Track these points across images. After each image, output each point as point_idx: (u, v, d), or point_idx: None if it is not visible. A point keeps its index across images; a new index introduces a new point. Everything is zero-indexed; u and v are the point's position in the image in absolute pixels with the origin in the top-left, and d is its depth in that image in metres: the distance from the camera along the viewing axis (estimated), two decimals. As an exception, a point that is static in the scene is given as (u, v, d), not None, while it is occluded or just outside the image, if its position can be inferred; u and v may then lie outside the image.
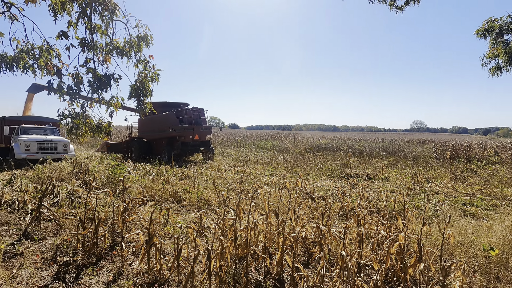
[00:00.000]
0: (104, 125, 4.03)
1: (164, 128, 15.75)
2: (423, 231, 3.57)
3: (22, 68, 3.66)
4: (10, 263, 3.67)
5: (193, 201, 6.89)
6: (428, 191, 8.61)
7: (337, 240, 4.36)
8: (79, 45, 3.65)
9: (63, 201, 6.10)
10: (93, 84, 3.62)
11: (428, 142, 30.48)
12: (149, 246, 3.51)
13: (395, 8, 6.97)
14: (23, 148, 11.85)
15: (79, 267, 3.68)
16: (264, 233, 4.02)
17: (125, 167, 9.37)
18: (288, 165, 13.63)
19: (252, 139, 30.77)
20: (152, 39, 3.97)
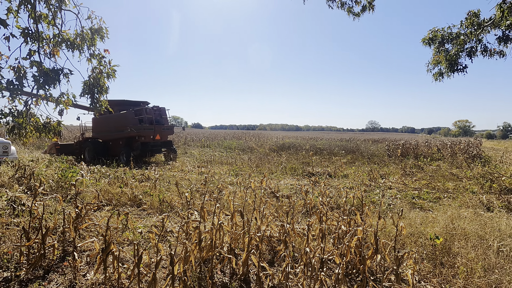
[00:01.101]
0: (53, 124, 3.65)
1: (122, 128, 14.87)
2: (379, 224, 3.81)
3: (-51, 59, 3.16)
4: None
5: (155, 204, 6.60)
6: (382, 186, 9.24)
7: (301, 237, 4.47)
8: (21, 35, 3.25)
9: (3, 210, 5.44)
10: (39, 79, 3.25)
11: (382, 141, 32.79)
12: (105, 254, 3.27)
13: (352, 14, 7.36)
14: (-48, 151, 10.36)
15: (22, 282, 3.31)
16: (229, 234, 3.98)
17: (77, 170, 8.66)
18: (252, 165, 13.71)
19: (216, 139, 30.43)
20: (107, 32, 3.68)
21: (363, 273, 3.50)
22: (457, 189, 8.58)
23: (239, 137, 33.88)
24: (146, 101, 16.55)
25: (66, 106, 3.56)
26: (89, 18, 3.61)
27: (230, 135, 37.70)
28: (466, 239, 4.43)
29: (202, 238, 3.70)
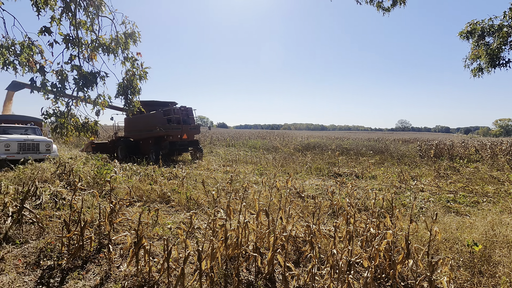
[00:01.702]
0: (91, 124, 3.91)
1: (151, 128, 15.48)
2: (410, 228, 3.65)
3: (2, 65, 3.50)
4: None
5: (182, 201, 6.80)
6: (413, 189, 8.82)
7: (327, 238, 4.39)
8: (63, 42, 3.52)
9: (47, 203, 5.89)
10: (79, 82, 3.50)
11: (413, 141, 31.27)
12: (137, 248, 3.43)
13: (382, 9, 7.08)
14: (3, 149, 11.38)
15: (64, 271, 3.56)
16: (254, 232, 4.01)
17: (111, 168, 9.15)
18: (277, 164, 13.67)
19: (241, 139, 30.71)
20: (139, 36, 3.87)
21: (393, 278, 3.37)
22: (498, 193, 7.97)
23: (263, 137, 33.94)
24: (174, 101, 17.09)
25: (103, 107, 3.80)
26: (123, 23, 3.82)
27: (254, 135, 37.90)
28: (509, 247, 4.10)
29: (228, 236, 3.76)
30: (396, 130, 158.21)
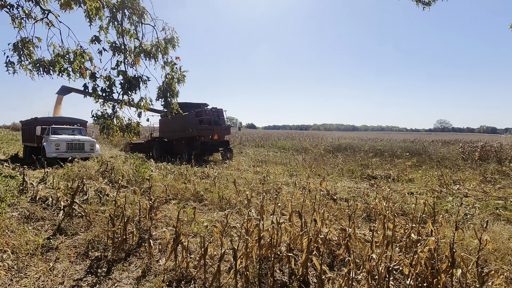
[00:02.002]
0: (133, 125, 4.17)
1: (184, 128, 16.06)
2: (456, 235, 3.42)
3: (57, 72, 3.87)
4: (47, 256, 3.87)
5: (215, 200, 6.97)
6: (456, 194, 8.24)
7: (362, 242, 4.26)
8: (110, 49, 3.80)
9: (92, 199, 6.36)
10: (124, 86, 3.76)
11: (454, 142, 29.18)
12: (176, 244, 3.59)
13: (421, 3, 6.72)
14: (54, 148, 12.47)
15: (109, 262, 3.82)
16: (288, 234, 4.01)
17: (148, 166, 9.64)
18: (307, 166, 13.50)
19: (270, 139, 30.73)
20: (178, 41, 4.06)
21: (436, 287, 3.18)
22: (557, 201, 7.19)
23: (292, 137, 33.68)
24: (205, 103, 17.58)
25: (144, 109, 4.04)
26: (163, 29, 4.03)
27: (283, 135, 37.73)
28: None
29: (261, 236, 3.80)
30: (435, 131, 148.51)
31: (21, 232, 4.39)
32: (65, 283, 3.31)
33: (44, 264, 3.64)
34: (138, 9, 3.82)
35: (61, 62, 3.84)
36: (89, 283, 3.36)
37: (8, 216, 4.88)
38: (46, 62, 3.83)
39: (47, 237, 4.43)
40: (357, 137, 38.99)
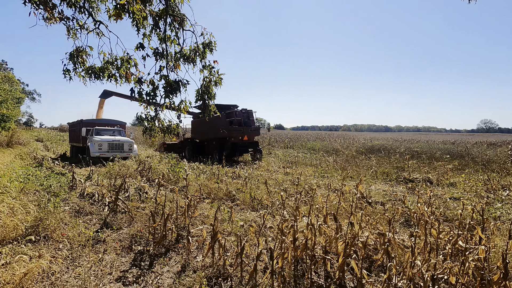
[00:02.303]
0: (173, 126, 4.39)
1: (215, 130, 16.43)
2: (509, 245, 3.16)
3: (106, 77, 4.19)
4: (96, 248, 4.18)
5: (247, 200, 7.06)
6: (506, 200, 7.59)
7: (401, 248, 4.09)
8: (153, 54, 4.04)
9: (133, 196, 6.75)
10: (166, 90, 3.98)
11: (502, 144, 26.80)
12: (213, 241, 3.71)
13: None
14: (97, 147, 13.41)
15: (151, 256, 4.04)
16: (323, 236, 3.96)
17: (182, 166, 10.01)
18: (338, 167, 13.19)
19: (299, 140, 30.43)
20: (215, 45, 4.20)
21: (487, 300, 2.97)
22: None
23: (322, 138, 33.05)
24: (235, 104, 17.85)
25: (184, 111, 4.23)
26: (202, 34, 4.19)
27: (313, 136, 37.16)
28: None
29: (296, 237, 3.80)
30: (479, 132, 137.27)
31: (73, 224, 4.79)
32: (113, 274, 3.56)
33: (94, 255, 3.94)
34: (178, 16, 4.02)
35: (109, 69, 4.16)
36: (134, 274, 3.58)
37: (62, 210, 5.35)
38: (96, 68, 4.17)
39: (95, 230, 4.80)
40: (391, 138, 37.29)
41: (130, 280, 3.46)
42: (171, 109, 4.30)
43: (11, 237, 4.07)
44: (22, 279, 3.04)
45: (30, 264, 3.32)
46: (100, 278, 3.42)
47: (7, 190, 6.05)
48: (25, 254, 3.56)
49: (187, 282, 3.39)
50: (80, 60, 4.09)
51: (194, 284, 3.35)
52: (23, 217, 4.51)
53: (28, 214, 4.70)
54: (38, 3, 3.51)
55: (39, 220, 4.42)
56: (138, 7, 3.60)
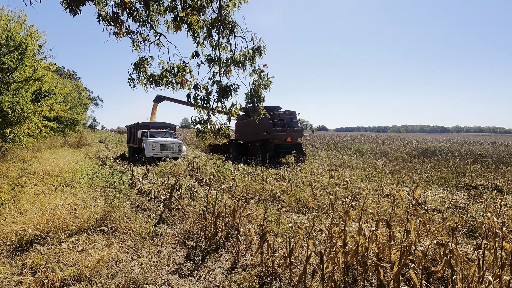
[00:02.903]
0: (224, 129, 4.60)
1: (258, 131, 16.67)
2: None
3: (164, 84, 4.57)
4: (155, 241, 4.55)
5: (291, 202, 7.05)
6: None
7: (465, 261, 3.74)
8: (206, 61, 4.30)
9: (184, 194, 7.19)
10: (219, 94, 4.20)
11: None
12: (262, 241, 3.79)
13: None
14: (151, 148, 14.52)
15: (203, 252, 4.28)
16: (376, 242, 3.80)
17: (228, 167, 10.35)
18: (388, 171, 12.45)
19: (344, 142, 29.36)
20: (265, 49, 4.31)
21: None
22: None
23: (369, 140, 31.44)
24: (278, 106, 17.91)
25: (235, 114, 4.42)
26: (252, 39, 4.34)
27: (359, 138, 35.56)
28: None
29: (346, 242, 3.70)
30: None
31: (135, 218, 5.27)
32: (170, 266, 3.84)
33: (153, 247, 4.30)
34: (230, 24, 4.21)
35: (167, 76, 4.53)
36: (188, 268, 3.83)
37: (125, 205, 5.92)
38: (156, 76, 4.57)
39: (153, 224, 5.22)
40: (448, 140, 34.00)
41: (185, 272, 3.70)
42: (223, 112, 4.52)
43: (85, 227, 4.63)
44: (96, 264, 3.45)
45: (102, 251, 3.75)
46: (159, 269, 3.73)
47: (80, 185, 6.88)
48: (98, 243, 4.02)
49: (238, 279, 3.52)
50: (143, 69, 4.53)
51: (244, 281, 3.46)
52: (94, 210, 5.10)
53: (97, 207, 5.29)
54: (110, 21, 3.99)
55: (107, 213, 4.96)
56: (195, 18, 3.87)
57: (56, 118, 21.59)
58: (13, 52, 11.04)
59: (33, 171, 8.15)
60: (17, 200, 5.36)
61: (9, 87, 11.51)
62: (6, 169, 7.96)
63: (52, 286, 3.10)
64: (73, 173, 9.06)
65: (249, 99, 4.33)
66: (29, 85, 12.22)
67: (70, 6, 3.52)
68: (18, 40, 11.17)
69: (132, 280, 3.31)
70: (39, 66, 12.83)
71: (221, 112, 4.55)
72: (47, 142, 16.13)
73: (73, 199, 5.57)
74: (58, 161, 10.61)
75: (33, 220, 4.44)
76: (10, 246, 4.04)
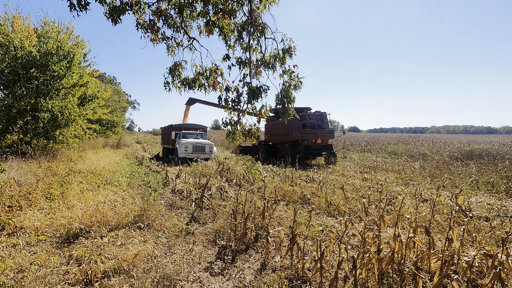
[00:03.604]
0: (253, 130, 4.64)
1: (288, 132, 16.55)
2: None
3: (197, 87, 4.73)
4: (187, 239, 4.70)
5: (322, 205, 6.90)
6: None
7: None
8: (237, 63, 4.37)
9: (215, 194, 7.34)
10: (250, 96, 4.25)
11: None
12: (292, 243, 3.75)
13: None
14: (183, 149, 15.05)
15: (233, 251, 4.33)
16: (413, 250, 3.59)
17: (258, 168, 10.40)
18: (427, 174, 11.70)
19: (378, 143, 28.12)
20: (295, 50, 4.28)
21: None
22: None
23: (405, 141, 29.80)
24: (308, 106, 17.65)
25: (265, 115, 4.44)
26: (282, 40, 4.34)
27: (394, 139, 33.85)
28: None
29: (381, 248, 3.54)
30: None
31: (168, 216, 5.49)
32: (202, 264, 3.94)
33: (185, 245, 4.45)
34: (260, 26, 4.24)
35: (200, 79, 4.68)
36: (218, 267, 3.90)
37: (159, 203, 6.19)
38: (189, 80, 4.75)
39: (186, 223, 5.40)
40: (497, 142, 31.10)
41: (216, 271, 3.78)
42: (253, 114, 4.56)
43: (123, 223, 4.92)
44: (134, 258, 3.64)
45: (139, 247, 3.95)
46: (191, 266, 3.84)
47: (119, 184, 7.32)
48: (135, 238, 4.25)
49: (268, 281, 3.51)
50: (177, 73, 4.73)
51: (274, 283, 3.45)
52: (132, 207, 5.40)
53: (135, 205, 5.59)
54: (147, 28, 4.22)
55: (143, 211, 5.22)
56: (226, 21, 3.96)
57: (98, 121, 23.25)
58: (62, 60, 12.09)
59: (78, 170, 8.84)
60: (65, 196, 5.85)
61: (59, 93, 12.63)
62: (56, 167, 8.71)
63: (94, 277, 3.33)
64: (113, 172, 9.68)
65: (279, 100, 4.32)
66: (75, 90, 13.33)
67: (112, 16, 3.78)
68: (66, 50, 12.23)
69: (166, 276, 3.45)
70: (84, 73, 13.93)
71: (251, 114, 4.59)
72: (90, 143, 17.41)
73: (113, 197, 5.94)
74: (100, 161, 11.39)
75: (78, 215, 4.81)
76: (59, 238, 4.41)
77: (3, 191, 5.51)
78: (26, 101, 11.42)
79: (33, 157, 10.22)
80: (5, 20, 11.59)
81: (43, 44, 11.85)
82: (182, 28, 4.47)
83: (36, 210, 5.11)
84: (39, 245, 4.10)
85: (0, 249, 3.86)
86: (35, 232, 4.40)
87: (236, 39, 4.42)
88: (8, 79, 11.33)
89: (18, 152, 10.45)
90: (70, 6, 3.38)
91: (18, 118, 11.59)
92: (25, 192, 5.59)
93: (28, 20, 12.44)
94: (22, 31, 11.58)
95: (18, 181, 6.41)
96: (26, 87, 11.58)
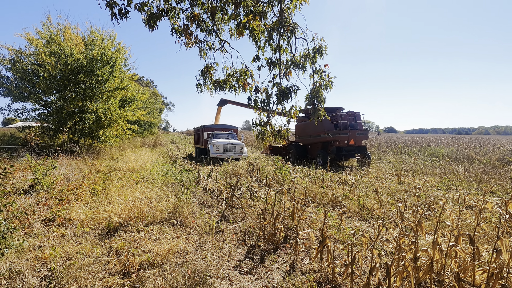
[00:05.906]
0: (283, 131, 4.63)
1: (319, 133, 16.22)
2: None
3: (228, 88, 4.83)
4: (217, 237, 4.82)
5: (354, 208, 6.67)
6: None
7: None
8: (266, 64, 4.40)
9: (245, 194, 7.43)
10: (279, 96, 4.25)
11: None
12: (322, 246, 3.68)
13: None
14: (215, 149, 15.43)
15: (262, 251, 4.35)
16: (455, 260, 3.34)
17: (288, 169, 10.33)
18: (472, 179, 10.78)
19: (416, 145, 26.48)
20: (326, 49, 4.20)
21: None
22: None
23: (448, 143, 27.73)
24: (341, 107, 17.16)
25: (294, 116, 4.41)
26: (313, 40, 4.27)
27: (434, 140, 31.66)
28: None
29: (418, 256, 3.34)
30: None
31: (200, 214, 5.67)
32: (231, 262, 4.01)
33: (216, 242, 4.56)
34: (290, 26, 4.23)
35: (230, 80, 4.78)
36: (247, 266, 3.94)
37: (191, 201, 6.41)
38: (220, 81, 4.87)
39: (216, 221, 5.53)
40: (558, 144, 27.73)
41: (245, 270, 3.82)
42: (282, 114, 4.55)
43: (158, 218, 5.17)
44: (167, 253, 3.82)
45: (172, 242, 4.12)
46: (221, 263, 3.93)
47: (155, 181, 7.70)
48: (168, 234, 4.44)
49: (296, 283, 3.48)
50: (209, 75, 4.87)
51: (303, 286, 3.41)
52: (166, 204, 5.66)
53: (169, 202, 5.85)
54: (181, 32, 4.41)
55: (177, 208, 5.44)
56: (257, 23, 4.00)
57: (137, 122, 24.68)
58: (106, 65, 13.03)
59: (119, 167, 9.46)
60: (106, 191, 6.29)
61: (102, 96, 13.62)
62: (99, 165, 9.40)
63: (131, 268, 3.55)
64: (149, 170, 10.22)
65: (309, 101, 4.26)
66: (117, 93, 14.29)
67: (149, 22, 4.00)
68: (109, 56, 13.15)
69: (197, 272, 3.56)
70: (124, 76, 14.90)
71: (280, 114, 4.58)
72: (129, 143, 18.52)
73: (149, 193, 6.27)
74: (138, 159, 12.08)
75: (118, 210, 5.15)
76: (101, 230, 4.75)
77: (55, 185, 6.07)
78: (75, 104, 12.48)
79: (80, 155, 11.13)
80: (58, 30, 12.78)
81: (90, 51, 12.87)
82: (214, 31, 4.60)
83: (82, 204, 5.56)
84: (84, 236, 4.46)
85: (52, 238, 4.26)
86: (80, 224, 4.79)
87: (266, 40, 4.45)
88: (60, 84, 12.46)
89: (67, 150, 11.45)
90: (111, 15, 3.64)
91: (68, 119, 12.71)
92: (73, 187, 6.12)
93: (77, 29, 13.61)
94: (71, 40, 12.69)
95: (67, 177, 7.03)
96: (75, 91, 12.65)
